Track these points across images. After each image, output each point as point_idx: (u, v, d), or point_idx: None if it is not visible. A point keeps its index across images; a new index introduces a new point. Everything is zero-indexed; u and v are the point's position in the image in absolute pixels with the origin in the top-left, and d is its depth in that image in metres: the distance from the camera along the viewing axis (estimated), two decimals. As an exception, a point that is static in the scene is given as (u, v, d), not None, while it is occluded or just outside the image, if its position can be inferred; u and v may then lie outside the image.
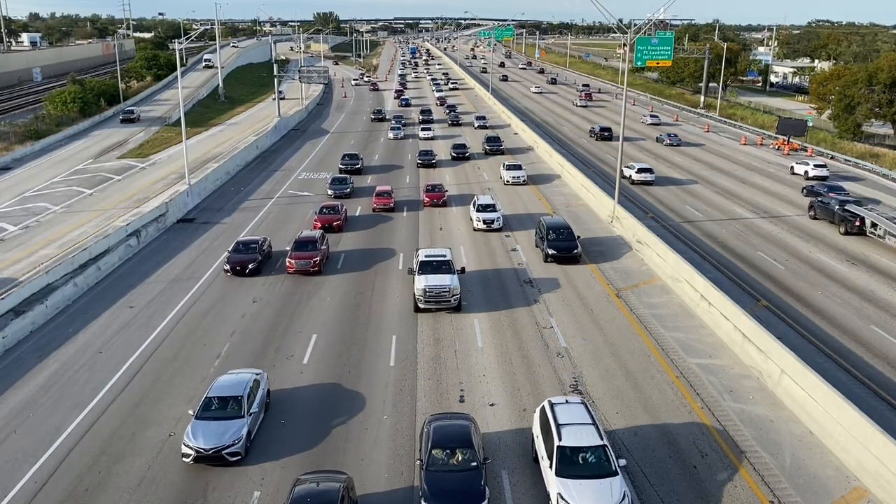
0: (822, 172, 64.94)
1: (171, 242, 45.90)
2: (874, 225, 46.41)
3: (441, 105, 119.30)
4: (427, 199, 54.34)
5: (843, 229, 47.89)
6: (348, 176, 61.46)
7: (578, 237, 42.22)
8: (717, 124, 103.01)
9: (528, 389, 27.33)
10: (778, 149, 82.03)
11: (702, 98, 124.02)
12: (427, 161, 69.75)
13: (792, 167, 68.86)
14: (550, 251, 40.86)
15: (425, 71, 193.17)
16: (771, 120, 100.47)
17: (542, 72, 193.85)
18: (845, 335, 32.84)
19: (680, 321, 33.69)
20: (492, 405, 26.16)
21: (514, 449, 23.55)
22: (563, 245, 41.13)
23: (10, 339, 30.85)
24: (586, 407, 22.43)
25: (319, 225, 46.55)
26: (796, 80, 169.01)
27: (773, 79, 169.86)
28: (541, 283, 38.51)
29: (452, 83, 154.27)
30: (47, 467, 22.52)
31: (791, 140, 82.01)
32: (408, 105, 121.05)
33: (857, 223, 47.14)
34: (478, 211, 48.47)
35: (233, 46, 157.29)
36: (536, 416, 22.99)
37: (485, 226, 47.50)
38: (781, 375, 26.55)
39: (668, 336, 32.02)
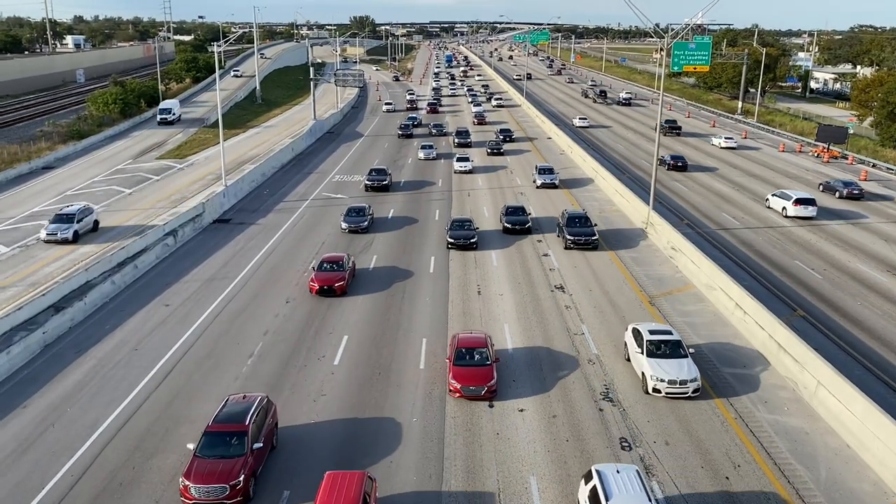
0: (731, 144, 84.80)
1: (207, 242, 46.55)
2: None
3: (479, 123, 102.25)
4: (455, 387, 26.53)
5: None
6: (367, 206, 50.71)
7: None
8: (754, 131, 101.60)
9: (559, 396, 27.19)
10: (817, 156, 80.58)
11: (739, 104, 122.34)
12: (463, 240, 44.50)
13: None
14: None
15: (461, 83, 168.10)
16: (810, 127, 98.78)
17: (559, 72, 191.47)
18: (884, 346, 32.13)
19: (714, 329, 33.25)
20: (521, 410, 26.11)
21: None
22: None
23: (49, 334, 31.54)
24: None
25: (317, 287, 36.65)
26: (837, 86, 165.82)
27: (813, 85, 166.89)
28: (569, 284, 38.12)
29: (497, 99, 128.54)
30: (83, 461, 22.97)
31: (831, 147, 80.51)
32: (427, 126, 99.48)
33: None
34: None
35: (263, 57, 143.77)
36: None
37: None
38: (818, 387, 26.06)
39: (701, 345, 31.61)
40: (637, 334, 29.10)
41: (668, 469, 22.71)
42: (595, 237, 44.70)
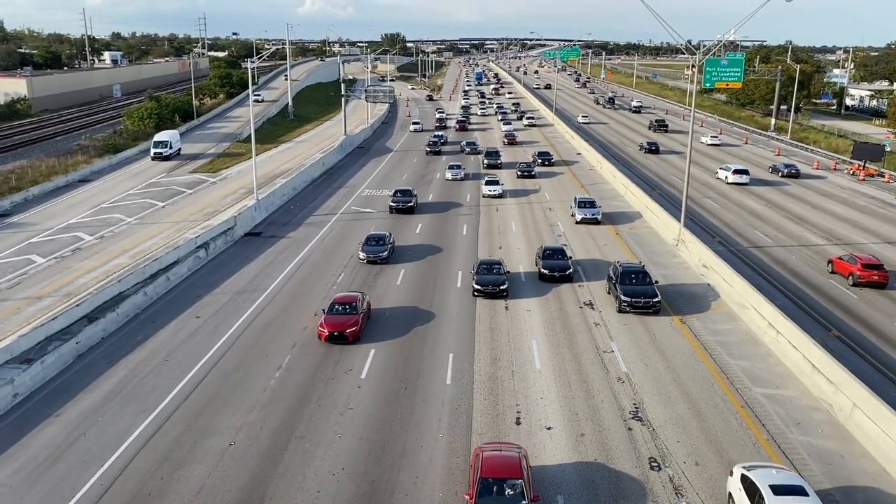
0: (716, 142, 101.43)
1: (238, 255, 47.03)
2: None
3: (510, 143, 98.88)
4: None
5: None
6: (388, 234, 47.34)
7: None
8: (788, 148, 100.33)
9: (588, 413, 26.89)
10: (853, 174, 79.29)
11: (772, 121, 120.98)
12: (492, 287, 38.57)
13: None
14: None
15: (489, 101, 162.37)
16: (845, 144, 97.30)
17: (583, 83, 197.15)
18: (923, 370, 31.36)
19: (746, 349, 32.72)
20: (549, 428, 25.87)
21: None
22: None
23: (83, 344, 32.02)
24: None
25: (326, 332, 32.63)
26: (874, 103, 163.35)
27: (848, 102, 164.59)
28: (600, 304, 37.95)
29: (528, 118, 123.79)
30: (113, 470, 23.19)
31: (867, 165, 79.19)
32: (444, 145, 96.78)
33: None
34: None
35: (288, 79, 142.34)
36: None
37: None
38: (853, 409, 25.47)
39: (733, 364, 31.12)
40: (750, 488, 20.39)
41: (697, 490, 22.30)
42: (657, 299, 36.31)
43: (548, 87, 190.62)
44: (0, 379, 27.43)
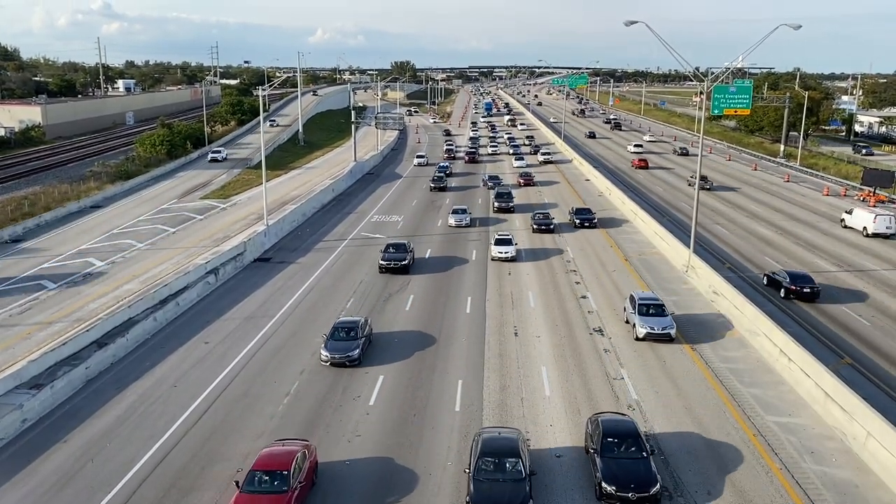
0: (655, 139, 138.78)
1: (248, 281, 47.14)
2: None
3: (526, 184, 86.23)
4: None
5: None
6: (361, 321, 35.34)
7: None
8: (797, 174, 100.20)
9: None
10: (863, 200, 79.02)
11: (781, 147, 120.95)
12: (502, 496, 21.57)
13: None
14: None
15: (499, 136, 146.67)
16: (855, 170, 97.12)
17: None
18: (938, 398, 30.98)
19: (758, 376, 32.42)
20: (559, 456, 25.63)
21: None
22: None
23: (92, 370, 32.06)
24: None
25: None
26: (883, 129, 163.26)
27: (857, 128, 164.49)
28: (613, 332, 37.66)
29: (544, 154, 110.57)
30: (120, 497, 23.08)
31: (877, 191, 78.95)
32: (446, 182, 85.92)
33: None
34: None
35: (272, 125, 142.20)
36: None
37: None
38: (868, 438, 25.13)
39: (744, 392, 30.82)
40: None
41: (710, 520, 21.95)
42: None
43: (539, 104, 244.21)
44: (9, 404, 27.49)
